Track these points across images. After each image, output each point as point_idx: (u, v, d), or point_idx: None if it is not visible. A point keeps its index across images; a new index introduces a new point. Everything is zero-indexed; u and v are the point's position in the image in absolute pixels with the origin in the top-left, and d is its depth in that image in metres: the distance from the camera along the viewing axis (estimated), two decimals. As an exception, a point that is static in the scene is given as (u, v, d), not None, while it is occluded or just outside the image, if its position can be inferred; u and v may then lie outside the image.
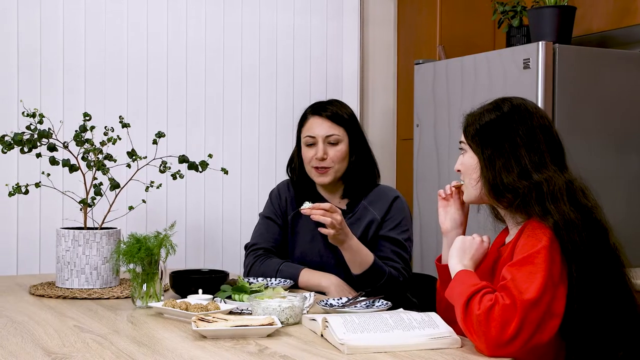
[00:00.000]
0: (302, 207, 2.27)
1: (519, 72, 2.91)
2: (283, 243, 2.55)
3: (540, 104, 2.83)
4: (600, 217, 1.74)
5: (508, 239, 1.86)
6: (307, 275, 2.39)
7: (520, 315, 1.56)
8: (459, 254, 1.80)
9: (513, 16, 3.19)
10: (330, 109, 2.50)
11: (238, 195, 3.56)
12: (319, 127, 2.48)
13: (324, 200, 2.52)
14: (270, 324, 1.74)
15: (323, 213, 2.24)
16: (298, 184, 2.57)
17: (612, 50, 3.09)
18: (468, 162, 1.84)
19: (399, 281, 2.37)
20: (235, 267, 3.53)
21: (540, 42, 2.84)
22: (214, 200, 3.52)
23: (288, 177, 2.63)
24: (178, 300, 1.95)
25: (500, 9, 3.23)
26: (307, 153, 2.49)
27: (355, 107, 3.80)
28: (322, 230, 2.27)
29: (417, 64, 3.47)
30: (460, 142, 1.88)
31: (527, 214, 1.74)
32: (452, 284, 1.73)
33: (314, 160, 2.46)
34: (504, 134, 1.78)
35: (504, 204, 1.80)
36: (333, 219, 2.23)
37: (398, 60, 3.95)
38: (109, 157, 2.45)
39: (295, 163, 2.57)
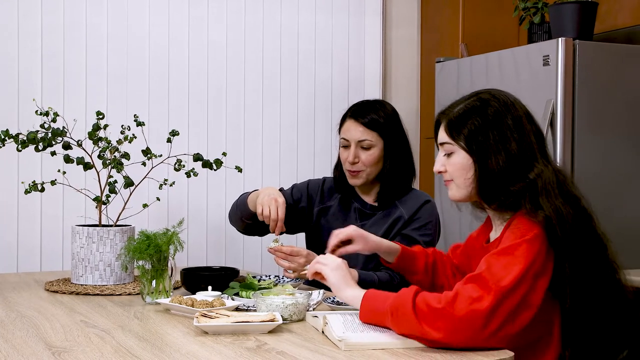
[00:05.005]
0: (269, 245, 2.34)
1: (539, 69, 2.87)
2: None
3: (560, 101, 2.79)
4: (586, 206, 1.71)
5: (494, 236, 1.81)
6: (253, 194, 2.50)
7: (493, 301, 1.52)
8: (349, 282, 1.81)
9: (535, 13, 3.15)
10: (367, 114, 2.49)
11: (259, 194, 3.57)
12: (353, 131, 2.49)
13: (359, 198, 2.56)
14: (272, 320, 1.74)
15: (283, 257, 2.32)
16: (339, 181, 2.60)
17: (637, 46, 3.03)
18: (458, 162, 1.75)
19: (393, 284, 2.34)
20: (256, 266, 3.55)
21: (560, 39, 2.80)
22: (235, 198, 3.53)
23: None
24: (185, 297, 1.97)
25: (522, 5, 3.19)
26: (342, 154, 2.54)
27: (377, 106, 3.79)
28: (285, 274, 2.34)
29: (438, 62, 3.45)
30: (444, 143, 1.78)
31: (516, 210, 1.70)
32: (370, 303, 1.68)
33: (347, 163, 2.49)
34: (493, 128, 1.71)
35: (493, 205, 1.75)
36: (294, 262, 2.31)
37: (421, 59, 3.93)
38: (126, 155, 2.48)
39: (338, 161, 2.62)
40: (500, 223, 1.77)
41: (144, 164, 2.58)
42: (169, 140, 2.55)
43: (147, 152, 2.53)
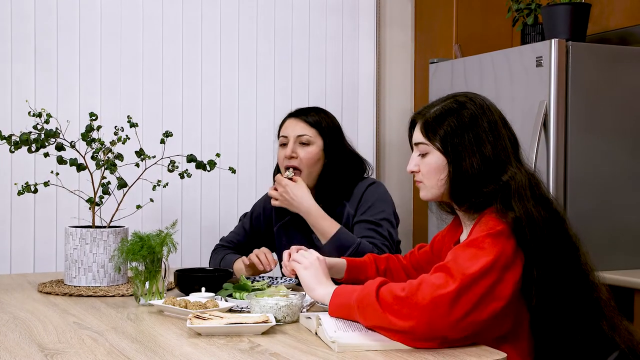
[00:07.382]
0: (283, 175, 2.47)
1: (533, 70, 2.88)
2: (245, 243, 2.68)
3: (552, 102, 2.79)
4: (558, 209, 1.72)
5: (463, 237, 1.82)
6: (238, 264, 2.51)
7: (457, 288, 1.52)
8: (321, 280, 1.81)
9: (528, 14, 3.15)
10: (308, 113, 2.54)
11: (253, 193, 3.57)
12: (292, 127, 2.51)
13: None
14: (265, 322, 1.74)
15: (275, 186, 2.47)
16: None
17: (629, 47, 3.03)
18: (433, 163, 1.77)
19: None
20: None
21: (552, 40, 2.80)
22: (229, 199, 3.53)
23: None
24: (178, 298, 1.96)
25: (515, 7, 3.19)
26: (280, 153, 2.53)
27: (371, 107, 3.80)
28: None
29: (432, 62, 3.45)
30: (419, 143, 1.80)
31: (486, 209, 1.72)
32: (338, 299, 1.68)
33: (285, 160, 2.47)
34: (469, 131, 1.72)
35: (464, 206, 1.76)
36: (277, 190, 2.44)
37: (415, 59, 3.94)
38: (119, 156, 2.48)
39: (276, 168, 2.65)
40: (470, 223, 1.78)
41: (137, 165, 2.58)
42: (162, 141, 2.55)
43: (140, 153, 2.53)
